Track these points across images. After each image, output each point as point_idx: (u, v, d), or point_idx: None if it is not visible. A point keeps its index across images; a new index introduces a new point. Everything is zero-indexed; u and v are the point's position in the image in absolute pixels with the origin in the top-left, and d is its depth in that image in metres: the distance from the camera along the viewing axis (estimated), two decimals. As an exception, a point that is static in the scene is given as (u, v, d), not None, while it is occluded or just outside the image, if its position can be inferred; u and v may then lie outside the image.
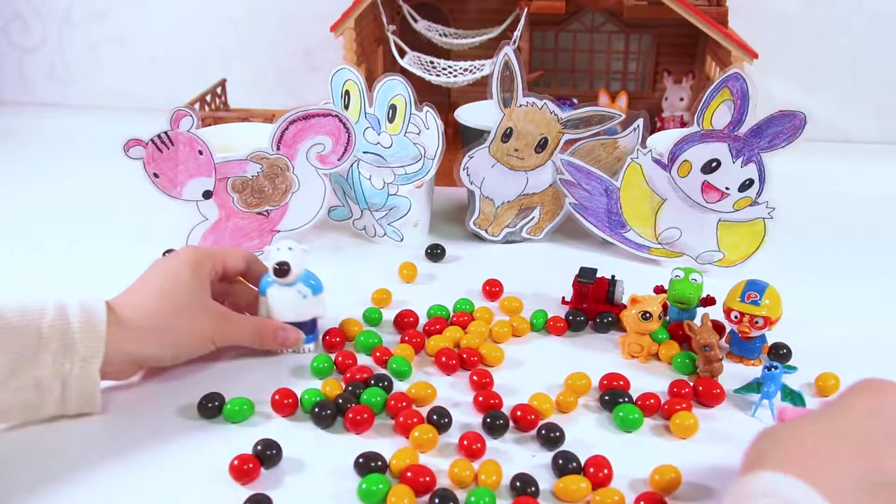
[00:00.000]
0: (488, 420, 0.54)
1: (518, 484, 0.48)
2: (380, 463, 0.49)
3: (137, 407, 0.57)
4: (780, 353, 0.62)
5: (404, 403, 0.55)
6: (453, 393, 0.58)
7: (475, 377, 0.59)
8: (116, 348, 0.53)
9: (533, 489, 0.48)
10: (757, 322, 0.60)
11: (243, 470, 0.49)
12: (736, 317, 0.60)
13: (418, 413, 0.54)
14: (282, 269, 0.59)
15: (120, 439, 0.53)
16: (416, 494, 0.47)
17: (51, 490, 0.48)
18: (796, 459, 0.38)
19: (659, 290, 0.70)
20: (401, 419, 0.54)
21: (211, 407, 0.55)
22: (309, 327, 0.63)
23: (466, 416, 0.56)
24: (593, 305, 0.68)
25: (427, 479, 0.48)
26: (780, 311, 0.60)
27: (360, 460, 0.50)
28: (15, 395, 0.50)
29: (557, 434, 0.52)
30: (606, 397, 0.57)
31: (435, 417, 0.54)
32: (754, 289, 0.61)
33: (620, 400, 0.56)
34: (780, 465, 0.37)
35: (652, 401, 0.56)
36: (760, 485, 0.36)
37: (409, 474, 0.48)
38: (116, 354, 0.53)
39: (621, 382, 0.58)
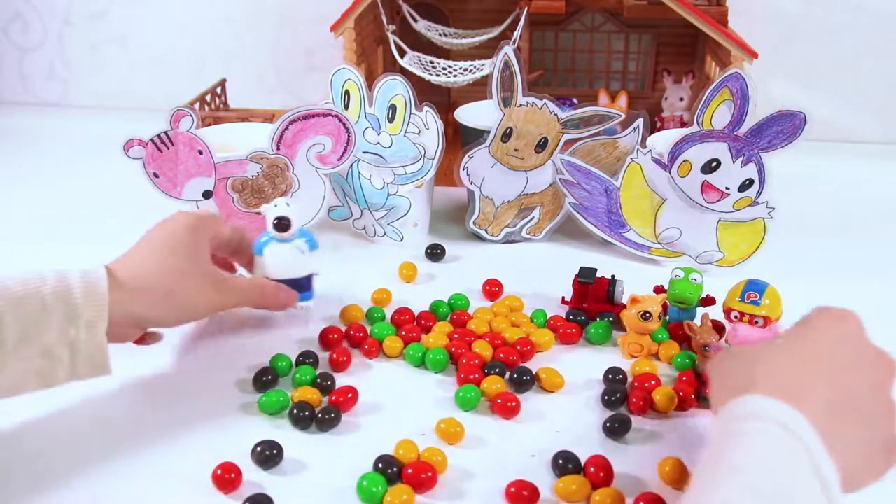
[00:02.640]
0: (515, 376, 0.59)
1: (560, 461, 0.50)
2: (395, 469, 0.49)
3: (144, 412, 0.57)
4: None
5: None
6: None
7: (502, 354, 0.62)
8: (120, 310, 0.52)
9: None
10: (757, 322, 0.60)
11: (226, 479, 0.48)
12: (736, 317, 0.60)
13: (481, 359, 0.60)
14: (282, 224, 0.61)
15: (123, 440, 0.53)
16: (415, 492, 0.48)
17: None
18: (781, 384, 0.40)
19: (659, 290, 0.70)
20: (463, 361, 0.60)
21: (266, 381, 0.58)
22: (306, 284, 0.64)
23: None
24: (593, 305, 0.68)
25: (429, 474, 0.48)
26: (780, 311, 0.60)
27: (379, 465, 0.49)
28: (25, 363, 0.50)
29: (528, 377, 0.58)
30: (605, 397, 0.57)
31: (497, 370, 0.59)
32: (754, 289, 0.61)
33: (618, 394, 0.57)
34: (768, 389, 0.40)
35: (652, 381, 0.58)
36: (751, 408, 0.39)
37: (410, 471, 0.49)
38: (120, 316, 0.53)
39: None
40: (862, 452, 0.39)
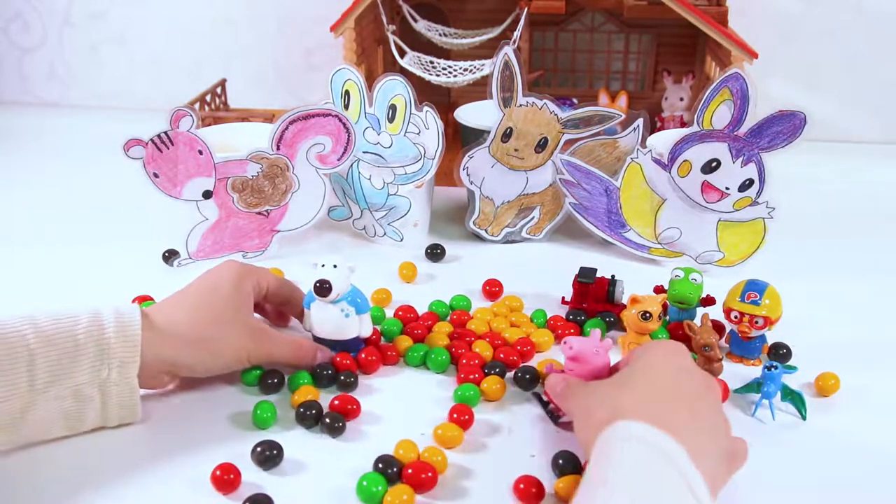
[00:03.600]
0: (519, 374, 0.59)
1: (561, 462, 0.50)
2: (395, 469, 0.49)
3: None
4: (779, 353, 0.62)
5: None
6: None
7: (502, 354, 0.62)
8: (152, 354, 0.52)
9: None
10: (757, 322, 0.60)
11: (225, 479, 0.48)
12: (736, 317, 0.60)
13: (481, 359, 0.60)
14: (322, 288, 0.58)
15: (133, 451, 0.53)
16: (416, 492, 0.48)
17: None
18: (646, 410, 0.44)
19: (659, 289, 0.70)
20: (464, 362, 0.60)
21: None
22: (351, 346, 0.61)
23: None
24: (593, 305, 0.68)
25: (429, 474, 0.48)
26: (780, 311, 0.60)
27: (379, 465, 0.49)
28: (55, 404, 0.50)
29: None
30: None
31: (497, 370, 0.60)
32: (754, 289, 0.61)
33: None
34: (635, 415, 0.43)
35: None
36: (621, 432, 0.43)
37: (410, 471, 0.49)
38: (152, 361, 0.52)
39: None
40: (715, 463, 0.44)
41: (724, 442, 0.46)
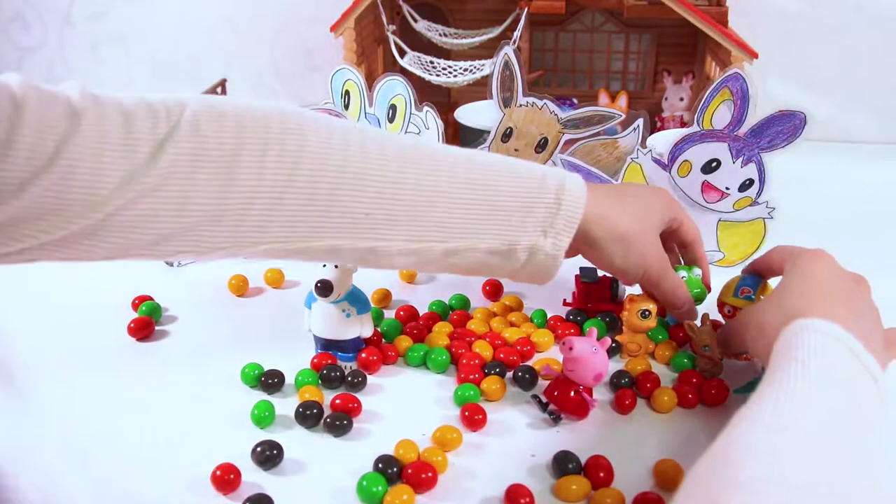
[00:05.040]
0: (519, 374, 0.59)
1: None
2: (395, 469, 0.49)
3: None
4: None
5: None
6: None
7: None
8: (587, 238, 0.54)
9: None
10: None
11: (225, 479, 0.48)
12: (729, 311, 0.61)
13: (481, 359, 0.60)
14: (324, 288, 0.58)
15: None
16: (416, 492, 0.48)
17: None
18: (815, 309, 0.46)
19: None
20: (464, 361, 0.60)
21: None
22: (350, 347, 0.61)
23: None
24: (597, 305, 0.68)
25: (429, 474, 0.48)
26: None
27: (379, 465, 0.49)
28: (484, 256, 0.52)
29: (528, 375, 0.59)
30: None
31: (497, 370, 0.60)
32: (749, 284, 0.61)
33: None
34: (808, 314, 0.46)
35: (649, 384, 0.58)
36: (799, 327, 0.45)
37: (410, 471, 0.49)
38: (585, 239, 0.54)
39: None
40: (879, 350, 0.47)
41: (880, 332, 0.49)
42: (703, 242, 0.64)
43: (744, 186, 0.71)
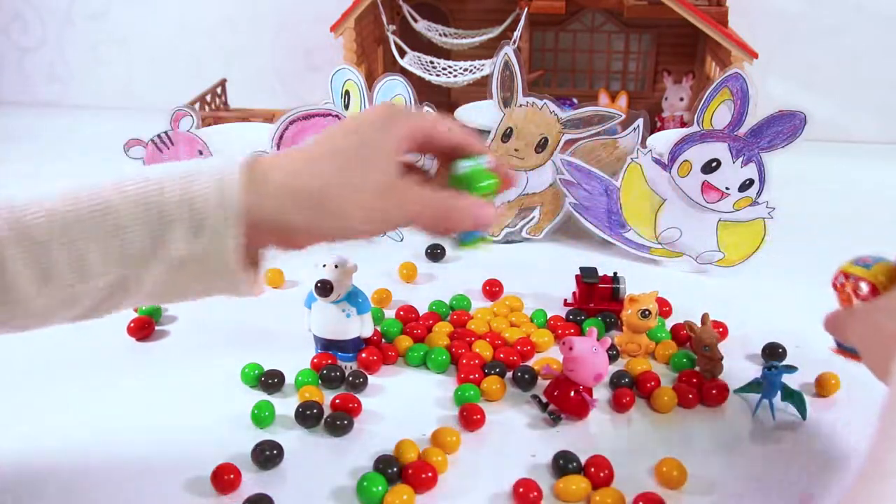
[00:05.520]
0: (519, 374, 0.59)
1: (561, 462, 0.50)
2: (395, 469, 0.49)
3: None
4: (776, 353, 0.62)
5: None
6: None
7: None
8: (260, 215, 0.42)
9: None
10: (860, 289, 0.51)
11: (225, 480, 0.48)
12: (841, 282, 0.53)
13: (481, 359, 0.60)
14: (324, 288, 0.58)
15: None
16: (416, 492, 0.48)
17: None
18: None
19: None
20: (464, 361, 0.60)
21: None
22: (350, 347, 0.61)
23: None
24: (599, 304, 0.68)
25: (429, 474, 0.48)
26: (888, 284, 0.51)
27: (379, 465, 0.49)
28: (168, 276, 0.42)
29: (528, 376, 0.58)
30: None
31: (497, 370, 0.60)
32: (872, 255, 0.53)
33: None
34: None
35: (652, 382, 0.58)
36: None
37: (410, 471, 0.49)
38: (266, 221, 0.42)
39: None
40: None
41: None
42: (475, 136, 0.49)
43: (744, 186, 0.71)
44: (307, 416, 0.54)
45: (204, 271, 0.42)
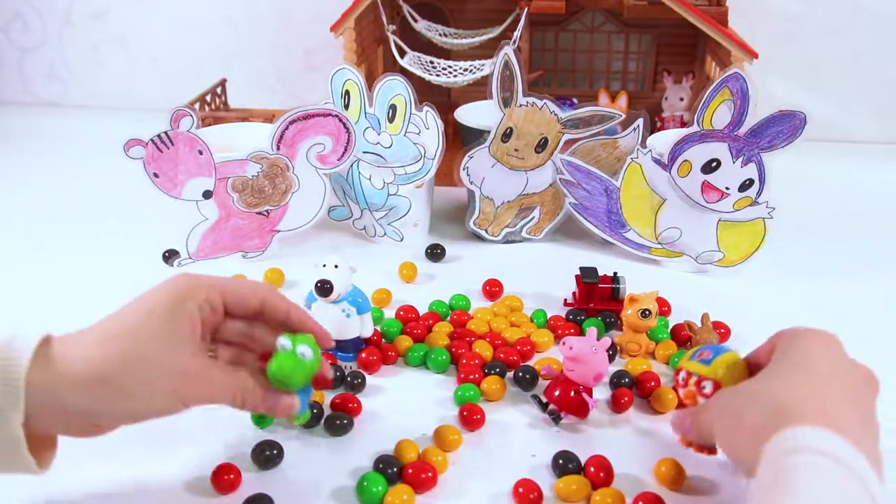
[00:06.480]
0: (519, 374, 0.59)
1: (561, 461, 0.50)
2: (395, 469, 0.49)
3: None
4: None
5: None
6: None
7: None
8: (50, 398, 0.41)
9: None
10: (704, 388, 0.48)
11: (225, 480, 0.49)
12: (683, 379, 0.50)
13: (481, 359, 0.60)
14: (324, 288, 0.58)
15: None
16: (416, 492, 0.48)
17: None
18: (817, 411, 0.38)
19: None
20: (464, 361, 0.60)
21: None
22: (350, 347, 0.61)
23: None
24: (599, 304, 0.68)
25: (429, 474, 0.49)
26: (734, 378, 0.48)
27: (379, 465, 0.50)
28: None
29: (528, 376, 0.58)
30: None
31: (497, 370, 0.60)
32: (710, 348, 0.50)
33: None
34: (807, 418, 0.37)
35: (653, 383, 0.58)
36: (800, 442, 0.36)
37: (410, 471, 0.49)
38: (51, 405, 0.41)
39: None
40: (880, 457, 0.39)
41: (878, 439, 0.41)
42: (300, 313, 0.49)
43: (744, 186, 0.71)
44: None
45: None
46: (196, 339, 0.45)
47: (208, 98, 1.07)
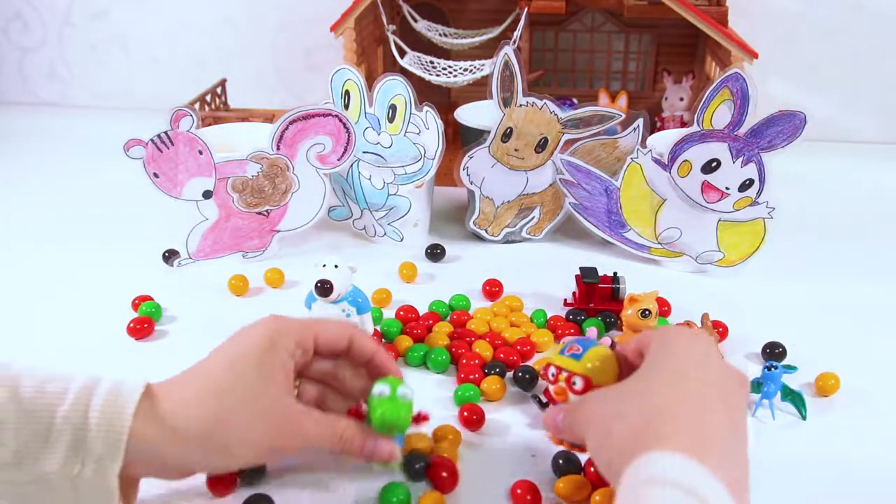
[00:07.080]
0: (519, 374, 0.59)
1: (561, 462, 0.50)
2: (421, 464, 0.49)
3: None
4: (775, 353, 0.62)
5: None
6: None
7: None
8: (148, 449, 0.42)
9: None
10: (574, 383, 0.47)
11: (224, 480, 0.49)
12: (553, 374, 0.49)
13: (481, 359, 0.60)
14: (324, 288, 0.58)
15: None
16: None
17: None
18: (680, 431, 0.37)
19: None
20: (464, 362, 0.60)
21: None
22: None
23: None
24: (599, 304, 0.68)
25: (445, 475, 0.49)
26: (606, 377, 0.47)
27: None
28: (14, 488, 0.40)
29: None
30: None
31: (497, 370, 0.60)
32: (580, 342, 0.49)
33: None
34: (669, 443, 0.36)
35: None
36: (655, 470, 0.35)
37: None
38: (149, 456, 0.42)
39: None
40: (746, 468, 0.38)
41: (746, 452, 0.40)
42: (379, 348, 0.50)
43: (744, 186, 0.71)
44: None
45: (77, 493, 0.41)
46: (289, 387, 0.46)
47: (208, 98, 1.07)
